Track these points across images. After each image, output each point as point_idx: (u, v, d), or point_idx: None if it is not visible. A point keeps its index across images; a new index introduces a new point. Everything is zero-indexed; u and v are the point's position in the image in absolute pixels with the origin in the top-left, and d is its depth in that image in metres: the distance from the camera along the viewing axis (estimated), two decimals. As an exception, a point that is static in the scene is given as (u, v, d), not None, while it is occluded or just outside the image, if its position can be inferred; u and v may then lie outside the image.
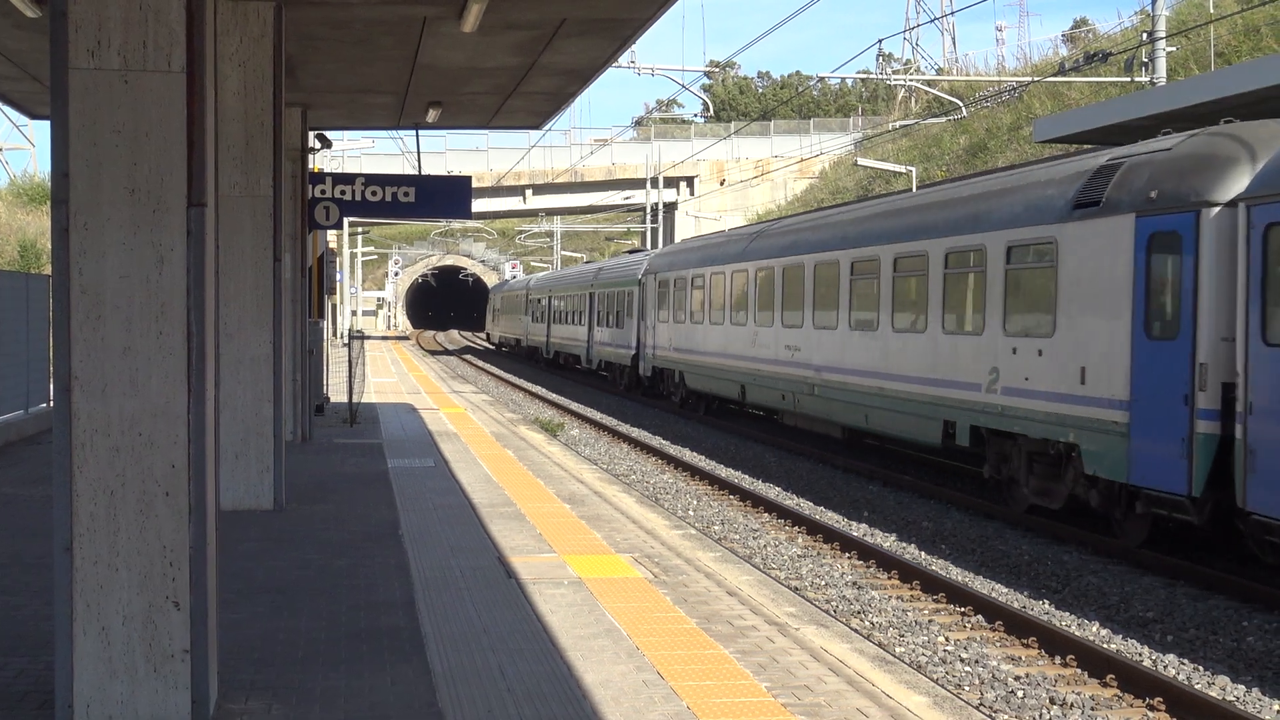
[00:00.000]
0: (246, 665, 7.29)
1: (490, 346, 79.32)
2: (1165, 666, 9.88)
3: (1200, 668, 9.85)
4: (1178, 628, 10.92)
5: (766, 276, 23.91)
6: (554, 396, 36.20)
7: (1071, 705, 8.90)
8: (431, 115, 19.71)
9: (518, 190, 75.76)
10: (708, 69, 76.24)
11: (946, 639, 10.66)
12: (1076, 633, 10.74)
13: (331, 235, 36.31)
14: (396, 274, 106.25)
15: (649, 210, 64.68)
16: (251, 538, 11.27)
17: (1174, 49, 35.86)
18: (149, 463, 6.06)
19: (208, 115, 6.21)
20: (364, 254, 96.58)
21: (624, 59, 37.73)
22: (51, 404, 19.62)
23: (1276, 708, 8.98)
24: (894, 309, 18.19)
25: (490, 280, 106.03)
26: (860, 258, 19.42)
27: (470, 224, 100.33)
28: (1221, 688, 9.38)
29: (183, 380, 6.08)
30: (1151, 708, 8.87)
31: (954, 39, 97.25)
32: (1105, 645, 10.35)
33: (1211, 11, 42.08)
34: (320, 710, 6.54)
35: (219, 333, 6.89)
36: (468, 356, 63.81)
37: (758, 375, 24.18)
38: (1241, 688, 9.36)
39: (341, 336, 58.98)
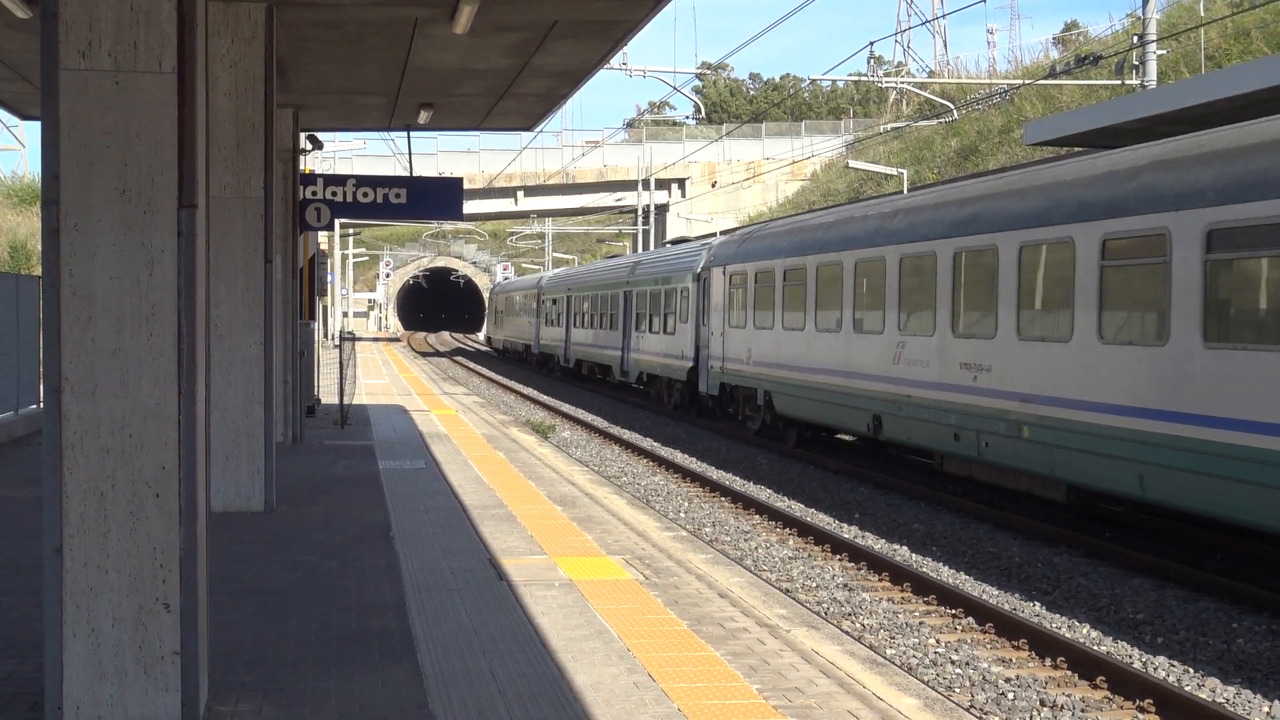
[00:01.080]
0: (237, 667, 7.28)
1: (484, 349, 79.23)
2: (1155, 668, 9.90)
3: (1190, 669, 9.86)
4: (1168, 630, 10.94)
5: (920, 265, 17.12)
6: (545, 399, 36.18)
7: (1062, 707, 8.90)
8: (423, 117, 19.71)
9: (509, 192, 75.81)
10: (699, 71, 76.46)
11: (937, 641, 10.67)
12: (1067, 635, 10.75)
13: (322, 237, 36.26)
14: (388, 275, 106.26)
15: (640, 212, 64.69)
16: (242, 539, 11.26)
17: (1164, 52, 35.92)
18: (139, 464, 6.05)
19: (199, 116, 6.20)
20: (355, 255, 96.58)
21: (616, 61, 37.81)
22: (42, 405, 19.52)
23: (1267, 709, 9.00)
24: (1204, 312, 11.66)
25: (482, 282, 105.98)
26: (1120, 234, 12.92)
27: (462, 225, 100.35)
28: (1211, 689, 9.40)
29: (173, 382, 6.07)
30: (1142, 709, 8.88)
31: (945, 41, 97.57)
32: (1095, 647, 10.36)
33: (1202, 15, 42.16)
34: (311, 712, 6.54)
35: (210, 334, 6.88)
36: (459, 358, 63.78)
37: (905, 403, 17.32)
38: (1231, 689, 9.38)
39: (333, 338, 58.93)
